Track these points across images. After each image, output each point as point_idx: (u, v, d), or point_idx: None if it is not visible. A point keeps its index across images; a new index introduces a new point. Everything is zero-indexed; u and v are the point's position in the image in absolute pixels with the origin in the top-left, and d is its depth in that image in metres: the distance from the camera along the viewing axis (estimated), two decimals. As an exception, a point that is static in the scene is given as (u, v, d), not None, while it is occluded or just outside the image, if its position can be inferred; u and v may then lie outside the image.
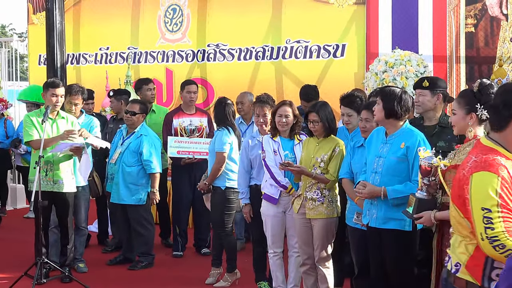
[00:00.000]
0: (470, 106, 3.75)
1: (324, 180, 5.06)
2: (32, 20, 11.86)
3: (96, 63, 11.16)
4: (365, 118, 4.85)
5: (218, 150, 6.19)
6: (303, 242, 5.25)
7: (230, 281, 6.24)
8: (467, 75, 8.33)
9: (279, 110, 5.45)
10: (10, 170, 10.43)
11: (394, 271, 4.39)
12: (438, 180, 3.87)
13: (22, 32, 32.54)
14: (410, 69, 7.37)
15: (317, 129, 5.14)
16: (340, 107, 5.32)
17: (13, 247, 7.72)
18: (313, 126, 5.14)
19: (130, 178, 6.75)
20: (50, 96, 6.23)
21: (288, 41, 9.49)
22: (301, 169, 5.09)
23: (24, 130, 6.35)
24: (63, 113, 6.45)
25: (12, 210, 10.36)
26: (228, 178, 6.23)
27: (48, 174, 6.17)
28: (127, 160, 6.76)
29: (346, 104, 5.24)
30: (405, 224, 4.32)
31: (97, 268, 6.83)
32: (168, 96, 10.47)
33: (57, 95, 6.24)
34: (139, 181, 6.77)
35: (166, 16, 10.51)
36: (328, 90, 8.27)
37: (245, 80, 9.69)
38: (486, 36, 8.22)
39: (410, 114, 5.03)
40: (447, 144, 4.77)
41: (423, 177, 3.93)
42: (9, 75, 12.55)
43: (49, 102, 6.23)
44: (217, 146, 6.20)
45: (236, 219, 7.66)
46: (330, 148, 5.11)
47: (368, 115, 4.79)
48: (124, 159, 6.76)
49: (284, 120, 5.42)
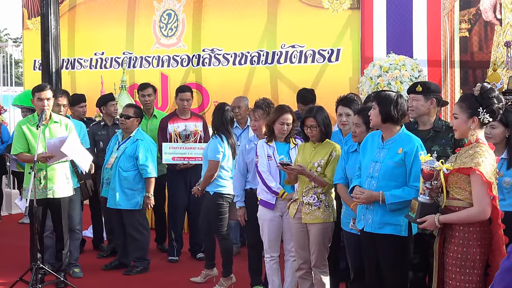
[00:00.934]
0: (472, 110, 3.80)
1: (322, 183, 5.05)
2: (27, 25, 11.85)
3: (91, 68, 11.16)
4: (356, 123, 4.87)
5: (211, 158, 6.22)
6: (299, 246, 5.25)
7: (225, 285, 6.24)
8: (462, 79, 8.36)
9: (281, 118, 5.43)
10: (5, 176, 10.41)
11: (389, 276, 4.39)
12: (440, 184, 3.89)
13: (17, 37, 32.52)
14: (405, 73, 7.40)
15: (314, 134, 5.13)
16: (337, 108, 5.32)
17: (8, 252, 7.69)
18: (311, 132, 5.13)
19: (126, 183, 6.75)
20: (37, 100, 6.21)
21: (283, 46, 9.51)
22: (302, 168, 5.03)
23: (13, 142, 6.37)
24: (56, 117, 6.42)
25: (7, 215, 10.33)
26: (218, 184, 6.27)
27: (42, 182, 6.16)
28: (123, 165, 6.76)
29: (345, 104, 5.25)
30: (401, 229, 4.32)
31: (92, 273, 6.82)
32: (163, 101, 10.47)
33: (42, 98, 6.17)
34: (136, 185, 6.77)
35: (161, 21, 10.52)
36: (323, 95, 8.28)
37: (240, 85, 9.70)
38: (480, 41, 8.25)
39: (406, 119, 5.05)
40: (442, 148, 4.79)
41: (425, 181, 3.94)
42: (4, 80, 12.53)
43: (37, 107, 6.22)
44: (210, 154, 6.23)
45: (231, 223, 7.67)
46: (326, 152, 5.11)
47: (358, 120, 4.82)
48: (121, 164, 6.76)
49: (285, 128, 5.42)
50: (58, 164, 6.26)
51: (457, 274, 3.80)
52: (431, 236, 4.44)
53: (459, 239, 3.81)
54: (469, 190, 3.78)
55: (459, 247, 3.80)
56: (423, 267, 5.02)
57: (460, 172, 3.79)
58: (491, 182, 3.71)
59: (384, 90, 5.32)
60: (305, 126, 5.16)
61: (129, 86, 9.74)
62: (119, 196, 6.73)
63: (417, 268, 4.99)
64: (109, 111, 7.67)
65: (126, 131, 6.87)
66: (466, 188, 3.79)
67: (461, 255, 3.79)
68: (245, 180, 5.88)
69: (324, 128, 5.12)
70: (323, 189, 5.08)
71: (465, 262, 3.78)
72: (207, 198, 6.30)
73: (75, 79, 11.26)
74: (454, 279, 3.81)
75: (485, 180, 3.69)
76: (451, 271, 3.83)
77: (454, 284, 3.81)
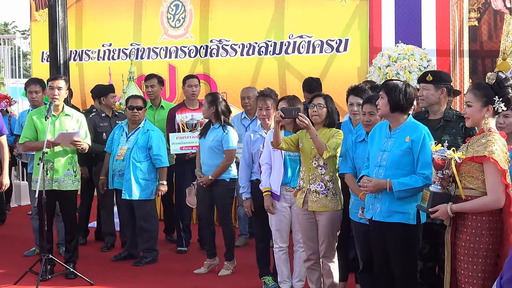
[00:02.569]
0: (487, 99, 3.79)
1: (322, 146, 4.90)
2: (35, 17, 11.85)
3: (99, 60, 11.16)
4: (369, 111, 4.82)
5: (231, 148, 6.33)
6: (307, 237, 5.23)
7: (231, 268, 6.41)
8: (471, 69, 8.32)
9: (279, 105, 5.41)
10: (14, 167, 10.44)
11: (398, 265, 4.37)
12: (451, 173, 3.87)
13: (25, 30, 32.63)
14: (414, 63, 7.36)
15: (320, 113, 5.07)
16: (348, 98, 5.29)
17: (17, 243, 7.73)
18: (316, 111, 5.08)
19: (141, 173, 6.77)
20: (49, 89, 6.25)
21: (291, 36, 9.47)
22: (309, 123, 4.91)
23: (22, 131, 6.42)
24: (69, 110, 6.42)
25: (16, 207, 10.38)
26: (230, 169, 6.45)
27: (48, 173, 6.17)
28: (137, 156, 6.77)
29: (357, 94, 5.22)
30: (410, 217, 4.31)
31: (101, 264, 6.84)
32: (171, 92, 10.46)
33: (54, 87, 6.18)
34: (149, 176, 6.82)
35: (168, 12, 10.50)
36: (332, 85, 8.26)
37: (248, 76, 9.68)
38: (489, 30, 8.20)
39: (417, 108, 5.01)
40: (452, 138, 4.76)
41: (436, 171, 3.92)
42: (12, 73, 12.56)
43: (48, 95, 6.27)
44: (229, 144, 6.33)
45: (240, 214, 7.68)
46: (329, 136, 5.04)
47: (372, 108, 4.76)
48: (134, 155, 6.77)
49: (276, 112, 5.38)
50: (66, 157, 6.28)
51: (470, 264, 3.78)
52: (441, 225, 4.43)
53: (472, 229, 3.79)
54: (482, 179, 3.76)
55: (471, 236, 3.78)
56: (433, 257, 5.00)
57: (473, 161, 3.77)
58: (505, 170, 3.69)
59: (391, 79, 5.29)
60: (311, 106, 5.12)
61: (137, 77, 9.73)
62: (135, 187, 6.74)
63: (426, 258, 4.98)
64: (109, 102, 7.63)
65: (136, 123, 6.87)
66: (479, 177, 3.77)
67: (473, 244, 3.77)
68: (250, 171, 5.90)
69: (331, 111, 5.09)
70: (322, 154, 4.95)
71: (478, 252, 3.76)
72: (223, 185, 6.39)
73: (83, 70, 11.27)
74: (466, 269, 3.79)
75: (500, 168, 3.68)
76: (463, 261, 3.82)
77: (466, 274, 3.79)
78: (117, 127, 7.06)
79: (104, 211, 7.61)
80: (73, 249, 6.44)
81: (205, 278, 6.36)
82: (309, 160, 5.09)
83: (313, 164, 5.07)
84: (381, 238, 4.43)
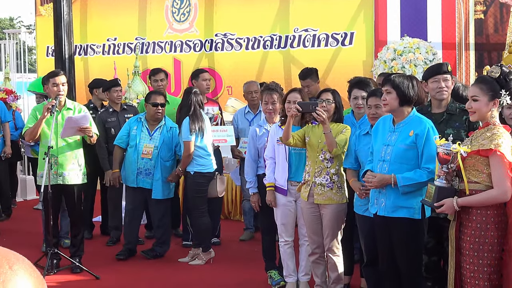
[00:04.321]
0: (494, 93, 3.78)
1: (333, 143, 4.90)
2: (40, 11, 11.86)
3: (104, 54, 11.17)
4: (375, 104, 4.80)
5: (185, 139, 6.41)
6: (312, 231, 5.23)
7: (204, 259, 6.54)
8: (477, 62, 8.29)
9: (289, 97, 5.37)
10: (20, 162, 10.47)
11: (403, 259, 4.38)
12: (457, 167, 3.86)
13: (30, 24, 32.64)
14: (419, 56, 7.34)
15: (328, 108, 5.07)
16: (351, 91, 5.27)
17: (23, 238, 7.75)
18: (325, 106, 5.07)
19: (166, 172, 6.73)
20: (52, 86, 6.19)
21: (296, 30, 9.45)
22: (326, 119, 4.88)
23: (26, 124, 6.41)
24: (71, 103, 6.41)
25: (22, 201, 10.40)
26: (197, 163, 6.50)
27: (53, 167, 6.17)
28: (164, 154, 6.72)
29: (361, 87, 5.22)
30: (415, 212, 4.30)
31: (107, 258, 6.85)
32: (176, 86, 10.46)
33: (58, 83, 6.17)
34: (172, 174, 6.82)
35: (173, 6, 10.49)
36: (337, 79, 8.24)
37: (253, 69, 9.67)
38: (495, 23, 8.16)
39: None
40: (456, 132, 4.72)
41: (441, 165, 3.91)
42: (17, 67, 12.58)
43: (52, 93, 6.19)
44: (184, 136, 6.41)
45: (245, 208, 7.69)
46: (337, 132, 5.05)
47: (378, 101, 4.74)
48: (161, 154, 6.70)
49: (291, 106, 5.36)
50: (70, 151, 6.28)
51: (475, 258, 3.77)
52: (445, 220, 4.41)
53: (476, 223, 3.78)
54: (486, 173, 3.75)
55: (476, 231, 3.77)
56: (438, 251, 4.99)
57: (479, 154, 3.76)
58: (511, 163, 3.68)
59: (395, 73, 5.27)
60: (319, 101, 5.09)
61: (142, 71, 9.73)
62: (164, 186, 6.72)
63: (431, 252, 4.97)
64: (112, 97, 7.52)
65: (158, 119, 6.75)
66: (484, 171, 3.76)
67: (478, 239, 3.76)
68: (256, 165, 5.88)
69: (338, 105, 5.09)
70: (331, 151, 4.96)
71: (483, 246, 3.75)
72: (188, 178, 6.55)
73: (88, 65, 11.28)
74: (471, 263, 3.78)
75: (507, 161, 3.67)
76: (468, 255, 3.81)
77: (472, 268, 3.78)
78: (134, 121, 6.86)
79: (110, 205, 7.60)
80: (78, 243, 6.45)
81: (210, 272, 6.37)
82: (315, 153, 5.08)
83: (319, 157, 5.06)
84: (386, 232, 4.43)
